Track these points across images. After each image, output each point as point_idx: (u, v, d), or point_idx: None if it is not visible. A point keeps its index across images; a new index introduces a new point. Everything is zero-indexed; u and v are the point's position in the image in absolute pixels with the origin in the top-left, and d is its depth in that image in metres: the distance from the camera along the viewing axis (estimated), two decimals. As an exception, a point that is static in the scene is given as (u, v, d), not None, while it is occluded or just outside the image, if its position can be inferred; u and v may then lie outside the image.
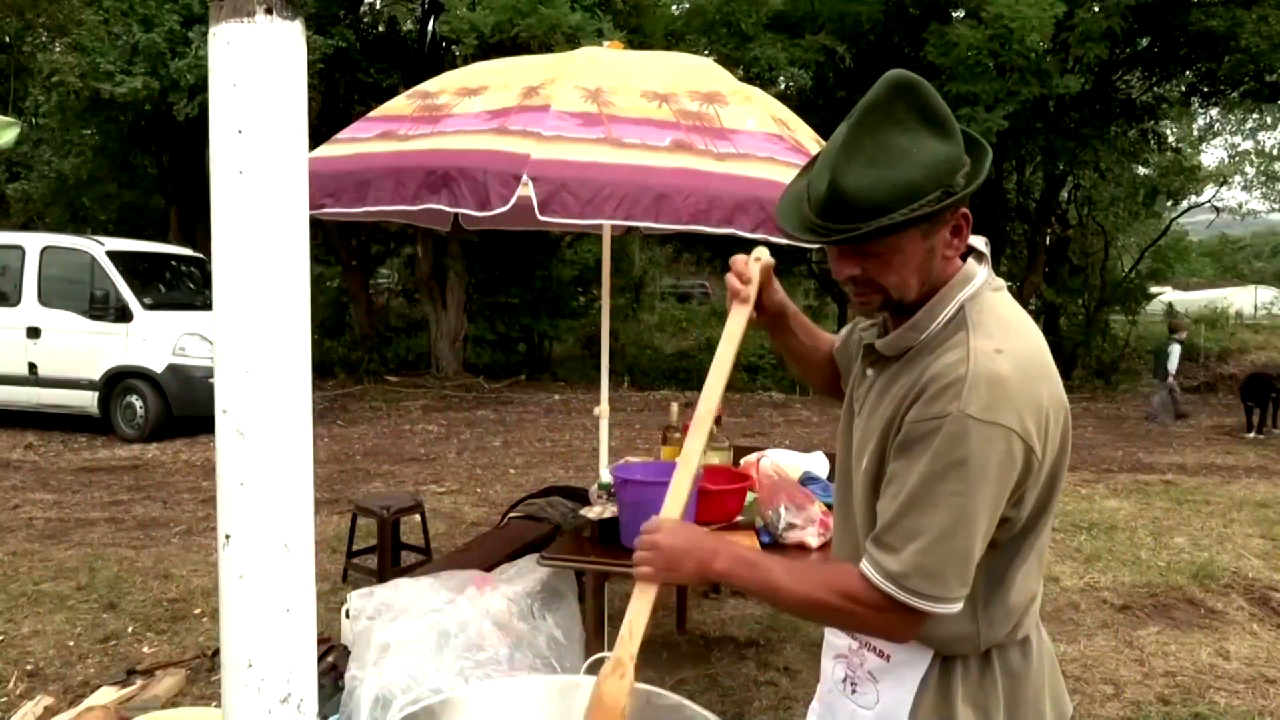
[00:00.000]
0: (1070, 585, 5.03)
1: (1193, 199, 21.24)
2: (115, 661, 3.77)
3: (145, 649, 3.92)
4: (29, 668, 3.72)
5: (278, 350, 1.18)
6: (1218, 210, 22.54)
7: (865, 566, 1.24)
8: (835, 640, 1.47)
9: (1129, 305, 18.37)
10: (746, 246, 1.78)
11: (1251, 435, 10.99)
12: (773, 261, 1.53)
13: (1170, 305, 22.99)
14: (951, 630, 1.28)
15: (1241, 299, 26.23)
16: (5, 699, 3.45)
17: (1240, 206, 23.75)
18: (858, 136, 1.22)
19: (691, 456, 1.41)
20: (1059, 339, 16.48)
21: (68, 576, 4.85)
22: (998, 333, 1.24)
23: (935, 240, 1.26)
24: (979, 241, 1.37)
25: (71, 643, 3.98)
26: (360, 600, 2.95)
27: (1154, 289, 20.72)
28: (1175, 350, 11.98)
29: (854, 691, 1.40)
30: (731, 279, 1.50)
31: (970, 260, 1.33)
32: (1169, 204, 20.30)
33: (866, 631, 1.32)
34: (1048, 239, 17.64)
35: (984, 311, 1.27)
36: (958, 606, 1.22)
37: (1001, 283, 1.34)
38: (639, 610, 1.31)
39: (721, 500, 2.71)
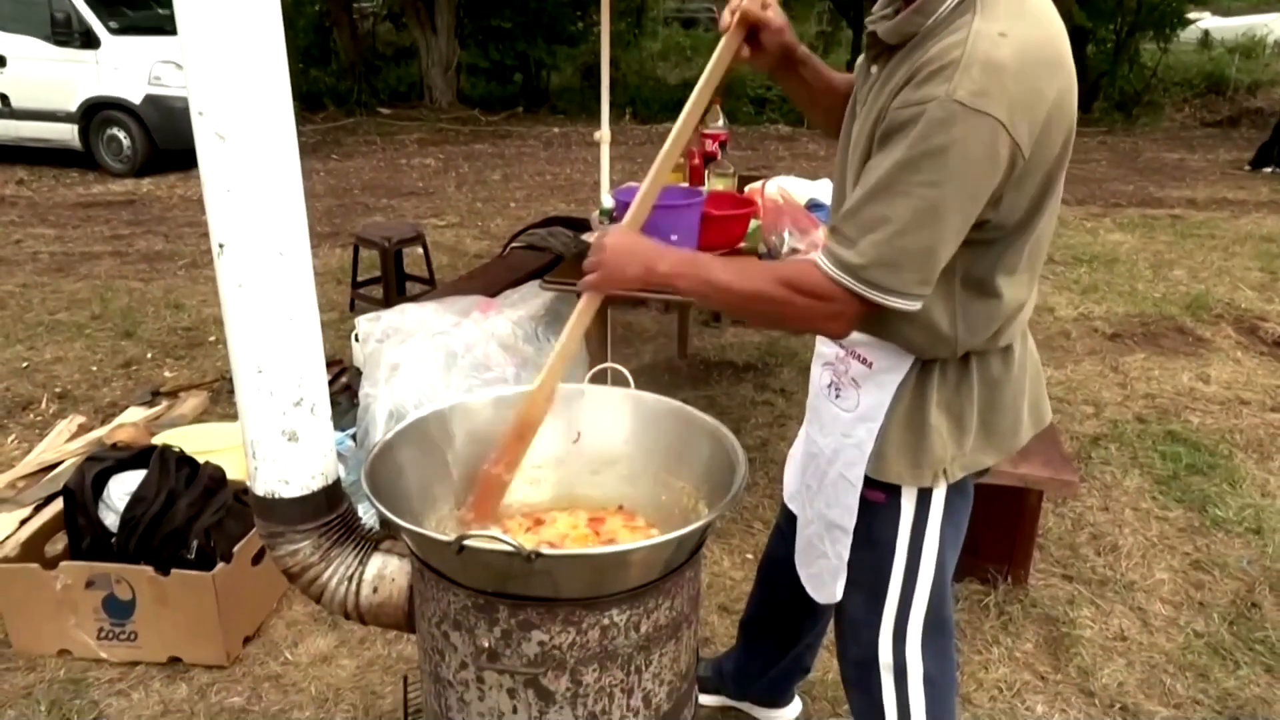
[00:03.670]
0: (1064, 315, 5.13)
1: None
2: (139, 385, 3.94)
3: (166, 373, 4.08)
4: (58, 390, 3.88)
5: (246, 42, 1.09)
6: (1281, -83, 20.39)
7: (818, 256, 1.20)
8: (824, 349, 1.49)
9: (1162, 31, 17.19)
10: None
11: (1258, 169, 10.29)
12: None
13: (1206, 32, 21.52)
14: (929, 334, 1.29)
15: (1285, 26, 24.40)
16: (40, 418, 3.64)
17: (1308, -88, 21.42)
18: None
19: (663, 172, 1.36)
20: (1084, 69, 15.54)
21: (81, 307, 4.94)
22: (1007, 15, 1.13)
23: None
24: None
25: (94, 368, 4.13)
26: (368, 324, 3.01)
27: (1191, 14, 19.24)
28: None
29: (837, 396, 1.43)
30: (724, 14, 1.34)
31: None
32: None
33: (804, 325, 1.28)
34: (1086, -49, 16.16)
35: None
36: (914, 305, 1.19)
37: None
38: (574, 331, 1.36)
39: (725, 225, 2.68)
